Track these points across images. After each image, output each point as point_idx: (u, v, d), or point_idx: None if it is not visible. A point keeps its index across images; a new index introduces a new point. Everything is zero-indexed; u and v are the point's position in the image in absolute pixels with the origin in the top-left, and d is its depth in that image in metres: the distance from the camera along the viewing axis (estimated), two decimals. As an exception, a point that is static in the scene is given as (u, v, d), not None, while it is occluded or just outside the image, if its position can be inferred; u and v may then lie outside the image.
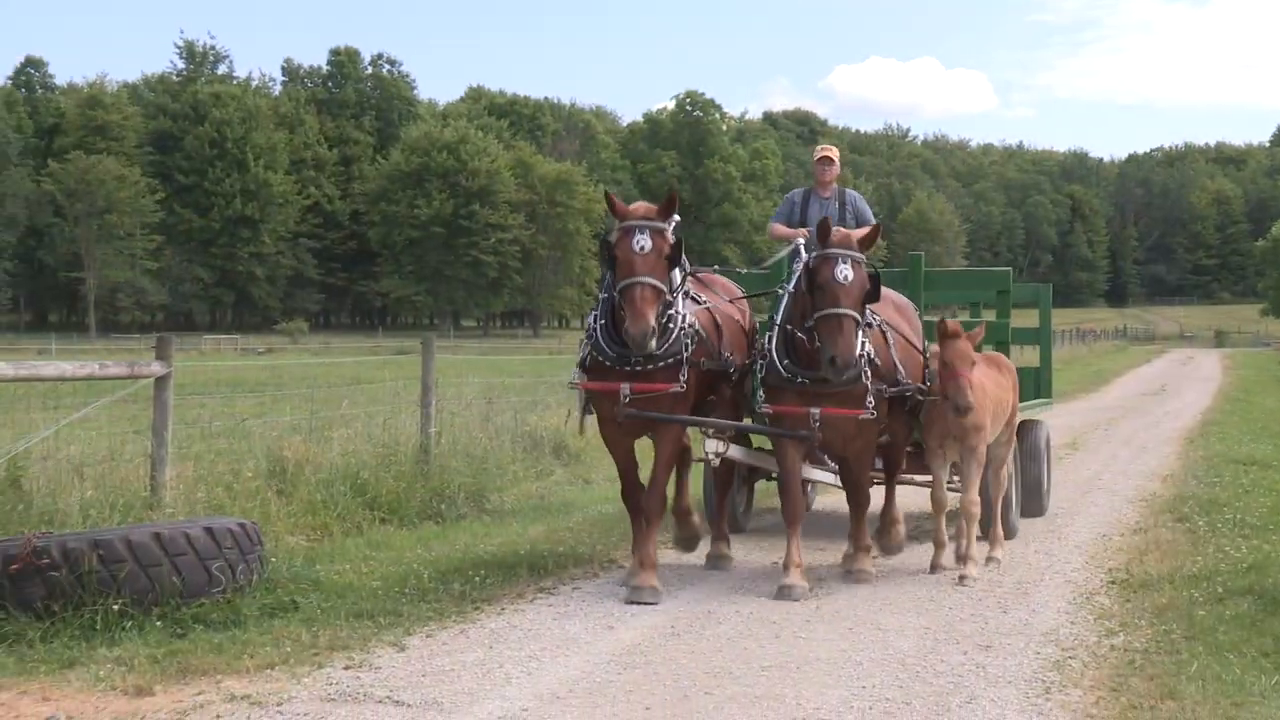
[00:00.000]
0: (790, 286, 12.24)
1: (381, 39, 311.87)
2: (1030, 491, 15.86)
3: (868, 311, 11.72)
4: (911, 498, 15.17)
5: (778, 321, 11.80)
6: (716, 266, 15.37)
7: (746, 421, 13.42)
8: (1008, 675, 9.28)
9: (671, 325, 11.12)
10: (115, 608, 10.28)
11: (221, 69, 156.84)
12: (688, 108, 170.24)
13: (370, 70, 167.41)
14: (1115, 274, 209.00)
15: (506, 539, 14.26)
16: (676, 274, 11.36)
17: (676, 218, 11.77)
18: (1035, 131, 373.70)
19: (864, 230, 12.29)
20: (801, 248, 13.57)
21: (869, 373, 11.36)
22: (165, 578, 10.60)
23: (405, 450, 17.18)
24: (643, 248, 10.80)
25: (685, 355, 11.20)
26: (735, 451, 12.22)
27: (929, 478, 13.10)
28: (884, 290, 12.48)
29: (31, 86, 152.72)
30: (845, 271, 11.02)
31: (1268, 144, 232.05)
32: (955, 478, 13.16)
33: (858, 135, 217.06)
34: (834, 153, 15.43)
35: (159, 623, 10.30)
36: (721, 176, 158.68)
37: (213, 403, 19.68)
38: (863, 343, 11.28)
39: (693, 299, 11.87)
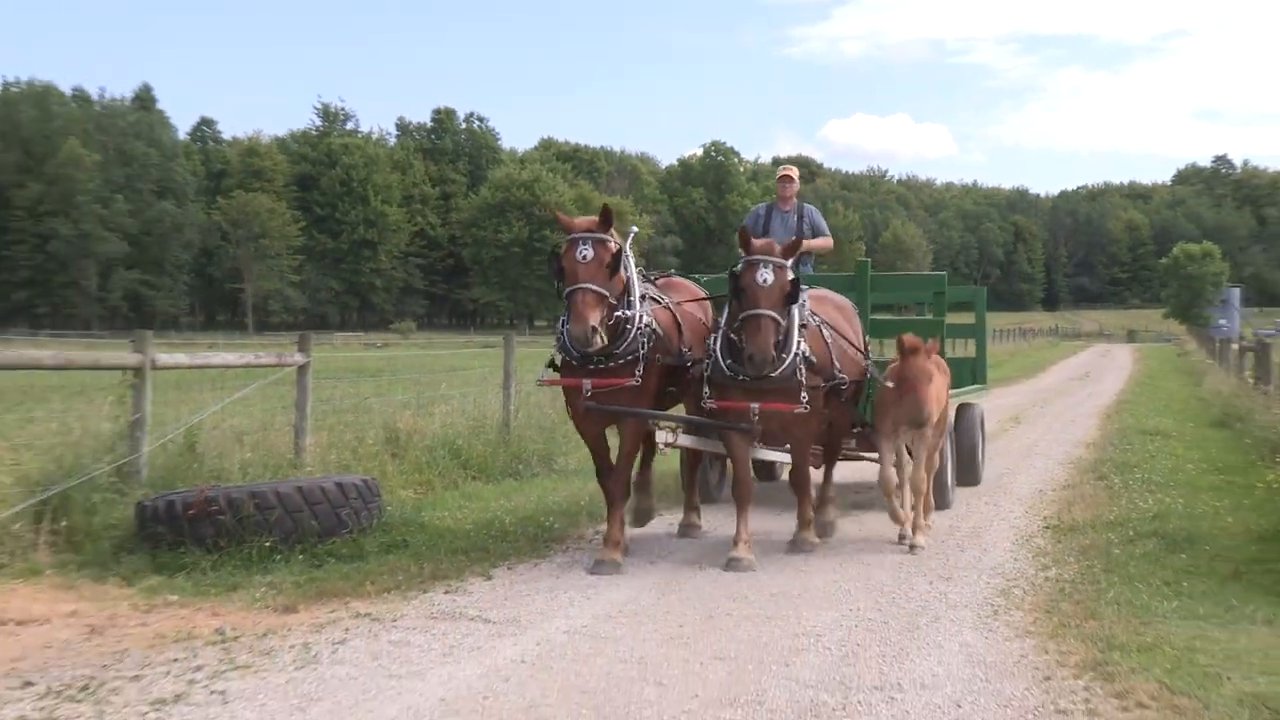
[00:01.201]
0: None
1: (473, 100, 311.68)
2: (966, 463, 14.93)
3: (806, 312, 10.69)
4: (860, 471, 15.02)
5: (721, 325, 10.56)
6: (673, 270, 14.01)
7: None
8: (964, 600, 9.29)
9: (628, 327, 10.10)
10: (267, 544, 10.41)
11: (350, 125, 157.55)
12: (713, 153, 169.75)
13: (464, 125, 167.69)
14: (1049, 284, 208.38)
15: (570, 492, 14.25)
16: (636, 281, 10.39)
17: (635, 229, 11.34)
18: (986, 173, 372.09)
19: (788, 241, 10.80)
20: None
21: (804, 370, 10.20)
22: (305, 521, 10.74)
23: (491, 422, 17.36)
24: (585, 257, 9.83)
25: (641, 353, 10.18)
26: (686, 440, 11.10)
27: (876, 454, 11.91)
28: (826, 292, 11.96)
29: (204, 140, 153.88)
30: (765, 275, 9.88)
31: (1169, 183, 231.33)
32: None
33: (847, 175, 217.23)
34: (794, 172, 14.93)
35: (300, 556, 10.44)
36: (740, 209, 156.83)
37: (342, 385, 19.66)
38: (799, 342, 10.21)
39: (654, 299, 10.85)
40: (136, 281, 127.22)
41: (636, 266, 10.62)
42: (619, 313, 10.01)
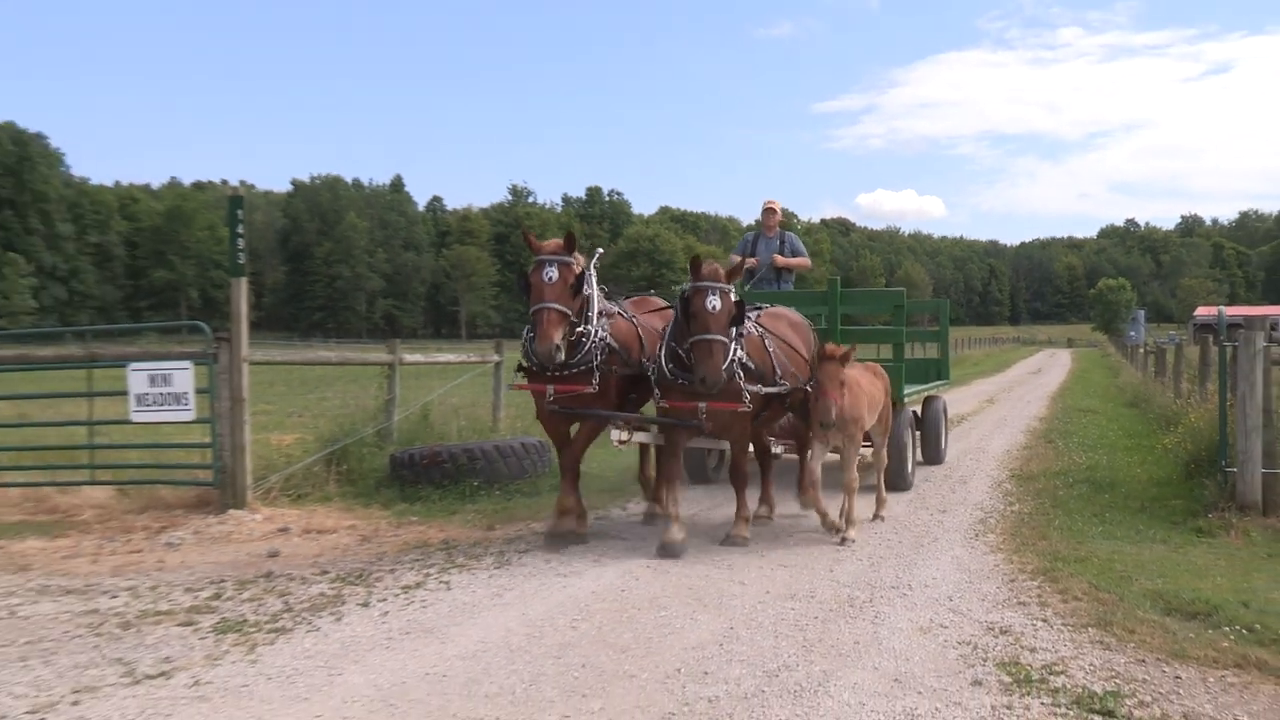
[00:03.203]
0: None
1: (614, 179, 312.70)
2: (932, 446, 13.00)
3: (749, 324, 8.50)
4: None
5: (666, 338, 8.26)
6: (653, 290, 11.13)
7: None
8: (955, 526, 9.09)
9: (585, 340, 8.14)
10: (475, 484, 10.52)
11: (530, 199, 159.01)
12: (783, 216, 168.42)
13: (608, 197, 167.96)
14: (1013, 307, 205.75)
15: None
16: (596, 299, 8.39)
17: (600, 250, 9.35)
18: (969, 229, 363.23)
19: (732, 265, 8.26)
20: (751, 269, 11.97)
21: (741, 375, 8.00)
22: (500, 469, 10.82)
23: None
24: (550, 278, 7.86)
25: (595, 364, 8.18)
26: (640, 436, 8.81)
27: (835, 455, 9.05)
28: (784, 310, 9.67)
29: (435, 210, 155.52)
30: (714, 301, 7.73)
31: (1095, 237, 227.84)
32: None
33: (872, 231, 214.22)
34: (776, 205, 12.67)
35: (497, 493, 10.49)
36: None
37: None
38: (735, 349, 7.96)
39: (620, 314, 8.81)
40: (390, 306, 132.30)
41: (600, 285, 8.66)
42: (579, 329, 8.13)
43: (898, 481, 10.77)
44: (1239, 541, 8.05)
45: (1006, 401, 25.38)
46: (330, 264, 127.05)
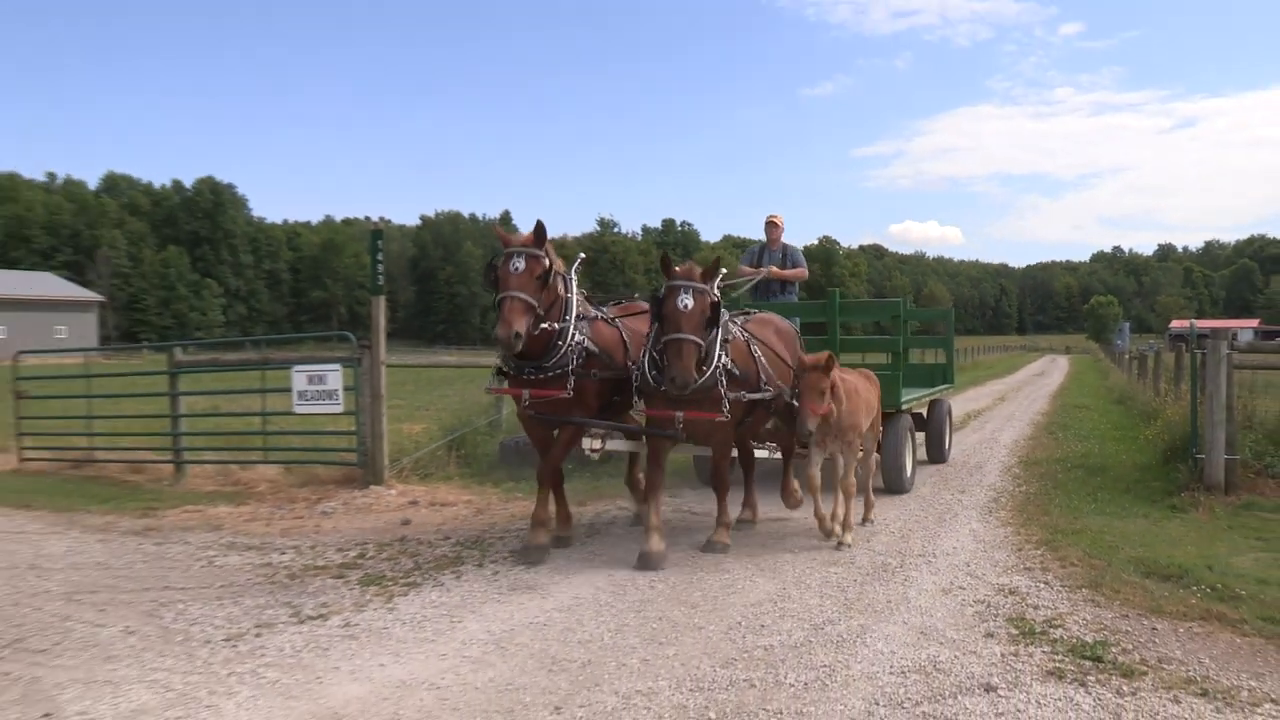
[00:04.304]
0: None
1: (686, 211, 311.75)
2: (936, 446, 11.53)
3: (736, 329, 7.06)
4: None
5: (649, 345, 6.74)
6: (637, 295, 9.30)
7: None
8: (972, 503, 8.87)
9: (559, 343, 6.69)
10: (569, 467, 10.22)
11: (615, 229, 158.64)
12: (824, 242, 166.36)
13: (680, 227, 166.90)
14: (1020, 320, 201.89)
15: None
16: (575, 302, 6.93)
17: (583, 254, 8.05)
18: (984, 254, 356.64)
19: (710, 263, 6.70)
20: (759, 276, 10.21)
21: (724, 381, 6.59)
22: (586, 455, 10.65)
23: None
24: (517, 268, 6.52)
25: (570, 368, 6.72)
26: (618, 445, 7.53)
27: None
28: (771, 316, 8.09)
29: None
30: (686, 301, 6.36)
31: (1088, 260, 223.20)
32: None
33: (902, 256, 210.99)
34: (779, 218, 10.57)
35: (588, 474, 10.28)
36: (842, 274, 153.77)
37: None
38: (720, 355, 6.56)
39: (603, 318, 7.34)
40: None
41: (579, 287, 7.20)
42: (545, 325, 6.60)
43: (896, 484, 9.37)
44: (1205, 516, 7.90)
45: (1014, 399, 24.81)
46: (451, 285, 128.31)
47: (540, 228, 6.68)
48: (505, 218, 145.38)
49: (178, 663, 4.66)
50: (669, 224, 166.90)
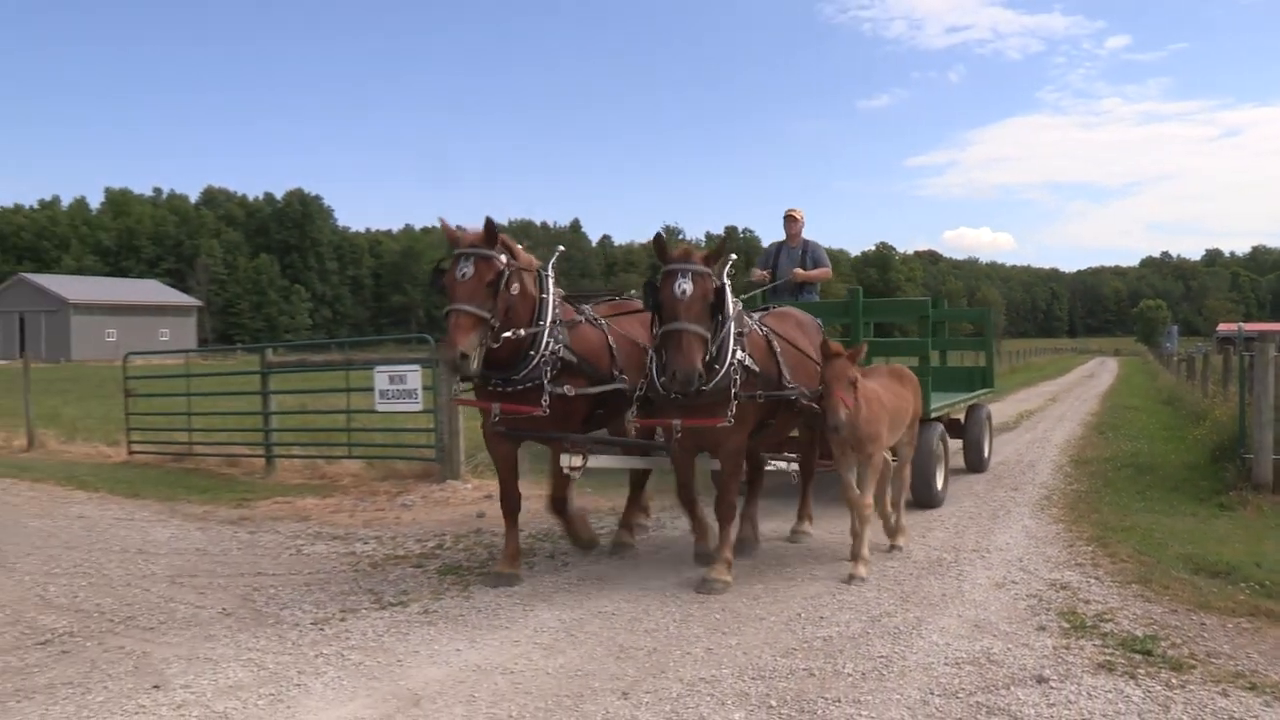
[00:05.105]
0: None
1: (747, 219, 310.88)
2: (975, 453, 10.19)
3: (752, 322, 6.05)
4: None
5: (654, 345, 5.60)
6: (633, 292, 7.41)
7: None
8: (1025, 501, 8.66)
9: (531, 352, 5.57)
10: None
11: (680, 235, 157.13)
12: (880, 249, 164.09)
13: (742, 234, 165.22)
14: (1070, 323, 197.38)
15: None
16: (551, 305, 5.77)
17: (561, 248, 6.51)
18: (1035, 259, 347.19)
19: (716, 244, 5.70)
20: (769, 281, 9.22)
21: (739, 380, 5.52)
22: (655, 453, 10.56)
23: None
24: (464, 275, 5.30)
25: (544, 380, 5.59)
26: (602, 461, 6.34)
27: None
28: (790, 310, 7.06)
29: (606, 247, 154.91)
30: (684, 286, 5.24)
31: (1137, 265, 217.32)
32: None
33: (956, 261, 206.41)
34: (799, 213, 9.36)
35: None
36: (898, 279, 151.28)
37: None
38: (734, 351, 5.51)
39: (587, 320, 6.15)
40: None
41: (557, 288, 6.02)
42: (508, 334, 5.47)
43: (925, 498, 8.09)
44: (1253, 515, 7.67)
45: (1065, 400, 24.21)
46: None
47: (490, 224, 5.40)
48: (575, 225, 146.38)
49: (269, 643, 4.78)
50: (731, 231, 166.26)
